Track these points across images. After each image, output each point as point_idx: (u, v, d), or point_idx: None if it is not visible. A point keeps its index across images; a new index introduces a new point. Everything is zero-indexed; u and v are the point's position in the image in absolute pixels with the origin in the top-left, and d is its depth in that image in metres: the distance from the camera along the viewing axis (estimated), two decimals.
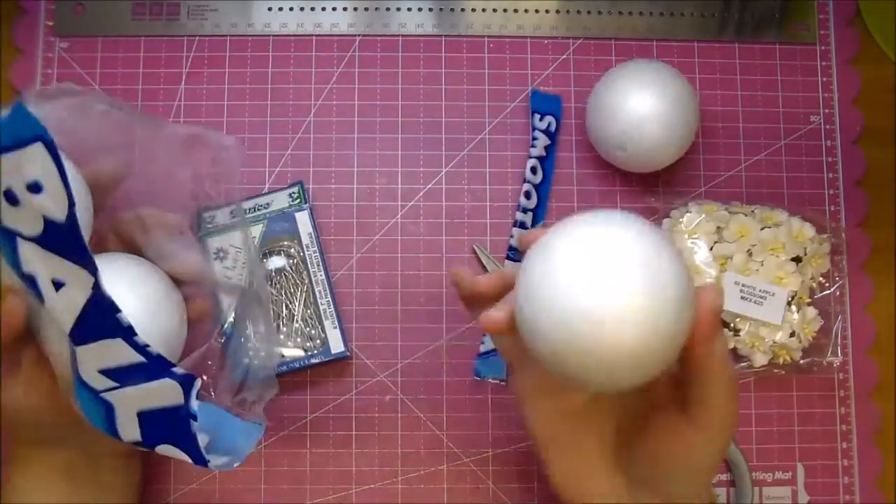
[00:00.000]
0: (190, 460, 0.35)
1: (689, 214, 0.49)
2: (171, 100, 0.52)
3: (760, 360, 0.48)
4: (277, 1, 0.53)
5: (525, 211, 0.51)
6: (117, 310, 0.32)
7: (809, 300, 0.49)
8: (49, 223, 0.30)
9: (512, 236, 0.51)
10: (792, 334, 0.48)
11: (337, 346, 0.48)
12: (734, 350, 0.48)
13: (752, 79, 0.53)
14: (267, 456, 0.49)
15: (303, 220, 0.49)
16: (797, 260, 0.48)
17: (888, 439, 0.51)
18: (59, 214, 0.30)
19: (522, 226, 0.51)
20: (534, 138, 0.51)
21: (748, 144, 0.53)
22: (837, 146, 0.53)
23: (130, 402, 0.34)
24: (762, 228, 0.48)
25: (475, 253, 0.51)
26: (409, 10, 0.53)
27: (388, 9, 0.53)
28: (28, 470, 0.40)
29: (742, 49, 0.54)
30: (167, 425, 0.35)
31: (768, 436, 0.50)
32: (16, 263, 0.31)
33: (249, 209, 0.49)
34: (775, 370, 0.49)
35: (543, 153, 0.51)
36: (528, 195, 0.51)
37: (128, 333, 0.33)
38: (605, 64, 0.53)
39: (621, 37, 0.53)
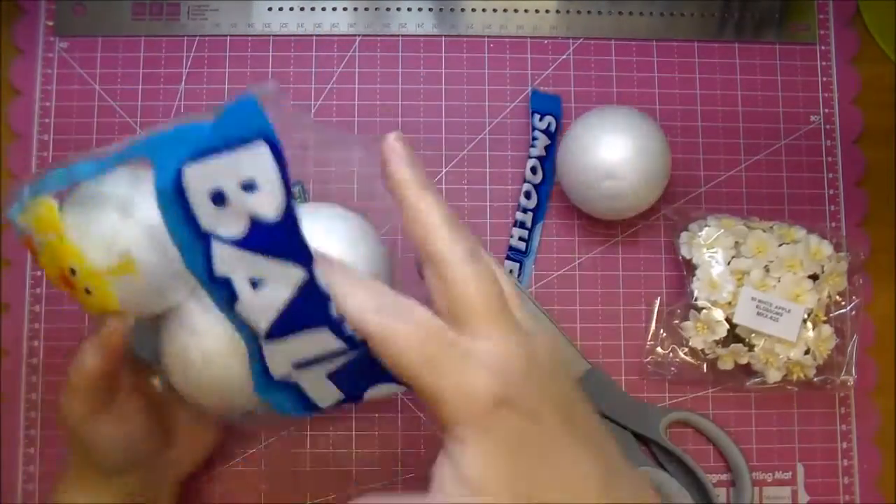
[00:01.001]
0: (402, 390, 0.32)
1: (707, 228, 0.49)
2: (171, 100, 0.52)
3: (774, 376, 0.48)
4: (277, 1, 0.53)
5: (525, 211, 0.51)
6: (328, 299, 0.30)
7: (825, 318, 0.49)
8: (256, 223, 0.29)
9: (512, 236, 0.51)
10: (807, 351, 0.47)
11: None
12: (748, 365, 0.48)
13: (752, 79, 0.53)
14: (267, 456, 0.49)
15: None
16: (814, 277, 0.48)
17: (888, 439, 0.51)
18: (271, 213, 0.29)
19: (522, 226, 0.51)
20: (534, 138, 0.51)
21: (748, 144, 0.53)
22: (837, 146, 0.53)
23: (316, 373, 0.33)
24: (780, 245, 0.48)
25: None
26: (409, 10, 0.53)
27: (388, 9, 0.53)
28: (90, 493, 0.40)
29: (742, 49, 0.54)
30: (366, 373, 0.33)
31: (768, 436, 0.50)
32: (206, 267, 0.30)
33: None
34: (788, 387, 0.49)
35: (543, 153, 0.51)
36: (528, 195, 0.51)
37: (336, 323, 0.31)
38: (605, 64, 0.53)
39: (621, 37, 0.53)
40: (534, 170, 0.51)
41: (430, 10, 0.53)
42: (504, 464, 0.28)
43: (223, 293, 0.31)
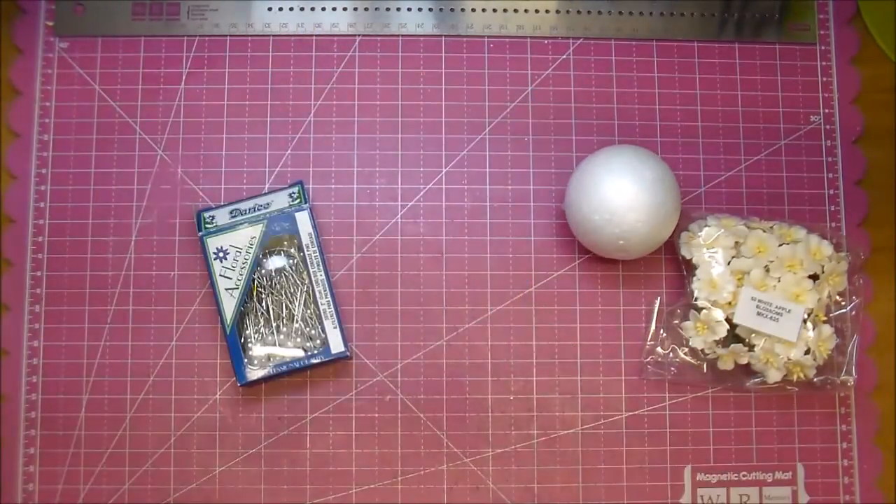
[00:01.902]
0: None
1: (707, 228, 0.49)
2: (171, 100, 0.52)
3: (774, 376, 0.48)
4: (277, 1, 0.53)
5: None
6: None
7: (825, 318, 0.49)
8: None
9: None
10: (807, 351, 0.47)
11: (337, 346, 0.48)
12: (748, 365, 0.48)
13: (752, 79, 0.53)
14: (267, 456, 0.49)
15: (303, 220, 0.49)
16: (814, 277, 0.48)
17: (888, 439, 0.51)
18: None
19: None
20: None
21: (748, 144, 0.53)
22: (837, 146, 0.53)
23: None
24: (780, 245, 0.48)
25: None
26: (409, 10, 0.53)
27: (388, 9, 0.53)
28: None
29: (742, 49, 0.54)
30: None
31: (768, 436, 0.50)
32: None
33: (249, 209, 0.49)
34: (788, 387, 0.49)
35: None
36: None
37: None
38: (605, 64, 0.53)
39: (621, 37, 0.53)
40: None
41: (430, 10, 0.53)
42: None
43: None
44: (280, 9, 0.53)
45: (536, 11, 0.53)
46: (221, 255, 0.49)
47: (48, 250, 0.50)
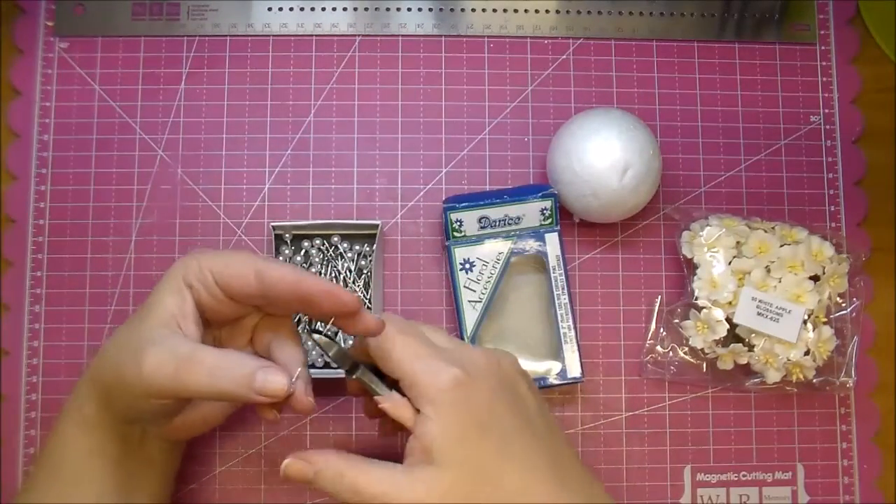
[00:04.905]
0: None
1: (709, 228, 0.49)
2: (171, 100, 0.52)
3: (773, 376, 0.48)
4: (277, 1, 0.53)
5: None
6: None
7: (826, 319, 0.49)
8: None
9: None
10: (807, 352, 0.47)
11: (574, 370, 0.48)
12: (747, 365, 0.48)
13: (752, 79, 0.53)
14: (267, 456, 0.49)
15: (552, 241, 0.49)
16: (815, 278, 0.48)
17: (888, 439, 0.51)
18: None
19: None
20: None
21: (748, 144, 0.53)
22: (837, 146, 0.53)
23: None
24: (781, 245, 0.48)
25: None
26: (409, 10, 0.53)
27: (388, 9, 0.53)
28: (97, 436, 0.39)
29: (742, 49, 0.54)
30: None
31: (768, 436, 0.50)
32: None
33: (499, 220, 0.48)
34: (787, 388, 0.49)
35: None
36: None
37: None
38: (605, 64, 0.53)
39: (621, 37, 0.53)
40: None
41: (430, 10, 0.53)
42: (456, 435, 0.35)
43: None
44: (280, 9, 0.53)
45: (536, 11, 0.53)
46: (467, 266, 0.48)
47: (48, 250, 0.50)
